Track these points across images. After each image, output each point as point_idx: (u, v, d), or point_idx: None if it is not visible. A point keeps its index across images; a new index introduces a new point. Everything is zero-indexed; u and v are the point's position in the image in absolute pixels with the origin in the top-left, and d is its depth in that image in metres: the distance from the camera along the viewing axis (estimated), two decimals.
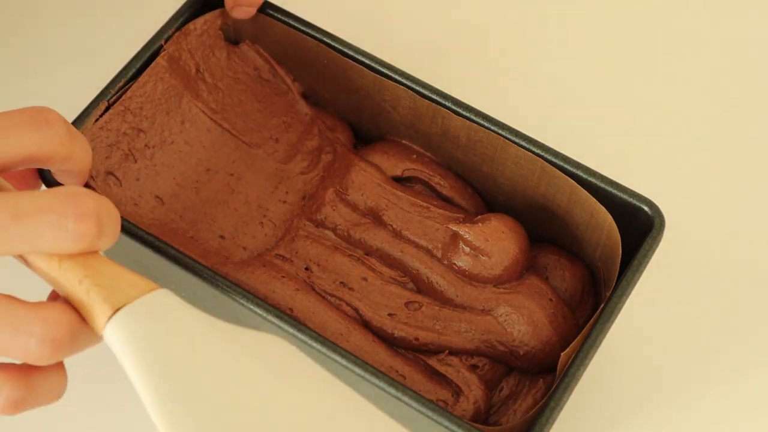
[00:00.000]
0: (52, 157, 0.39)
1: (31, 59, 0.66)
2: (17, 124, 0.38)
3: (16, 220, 0.35)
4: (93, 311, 0.36)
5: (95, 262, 0.37)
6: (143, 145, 0.51)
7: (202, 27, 0.53)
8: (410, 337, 0.49)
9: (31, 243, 0.36)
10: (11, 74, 0.66)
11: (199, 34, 0.53)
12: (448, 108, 0.50)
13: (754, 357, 0.57)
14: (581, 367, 0.44)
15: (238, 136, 0.53)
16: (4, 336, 0.36)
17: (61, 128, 0.39)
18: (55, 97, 0.64)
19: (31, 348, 0.36)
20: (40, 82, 0.65)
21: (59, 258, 0.37)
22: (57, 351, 0.36)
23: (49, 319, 0.36)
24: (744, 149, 0.63)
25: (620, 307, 0.46)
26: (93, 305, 0.36)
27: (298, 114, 0.55)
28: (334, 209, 0.52)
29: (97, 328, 0.37)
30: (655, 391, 0.56)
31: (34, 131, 0.38)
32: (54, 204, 0.36)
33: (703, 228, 0.60)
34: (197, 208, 0.52)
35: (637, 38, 0.68)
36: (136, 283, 0.37)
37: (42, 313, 0.36)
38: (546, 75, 0.66)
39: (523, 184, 0.51)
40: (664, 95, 0.65)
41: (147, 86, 0.51)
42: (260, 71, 0.55)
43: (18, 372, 0.37)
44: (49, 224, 0.36)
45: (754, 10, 0.68)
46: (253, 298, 0.45)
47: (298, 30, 0.53)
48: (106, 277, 0.37)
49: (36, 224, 0.36)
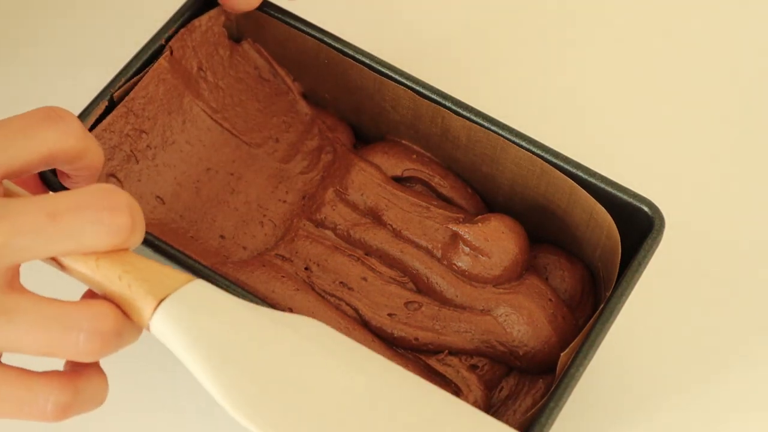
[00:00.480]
0: (69, 153, 0.39)
1: (31, 59, 0.66)
2: (32, 124, 0.38)
3: (53, 220, 0.36)
4: (137, 305, 0.37)
5: (130, 258, 0.38)
6: (145, 146, 0.51)
7: (207, 24, 0.53)
8: (410, 337, 0.49)
9: (71, 242, 0.36)
10: (11, 74, 0.66)
11: (204, 30, 0.53)
12: (448, 108, 0.50)
13: (755, 356, 0.57)
14: (581, 367, 0.44)
15: (238, 135, 0.53)
16: (53, 334, 0.36)
17: (75, 123, 0.39)
18: (56, 98, 0.64)
19: (81, 343, 0.36)
20: (41, 82, 0.65)
21: (96, 257, 0.37)
22: (106, 345, 0.37)
23: (96, 314, 0.36)
24: (744, 149, 0.63)
25: (620, 308, 0.46)
26: (136, 299, 0.37)
27: (299, 114, 0.55)
28: (333, 209, 0.52)
29: (143, 321, 0.37)
30: (655, 391, 0.55)
31: (50, 129, 0.38)
32: (89, 200, 0.36)
33: (703, 228, 0.60)
34: (197, 208, 0.52)
35: (636, 38, 0.68)
36: (173, 276, 0.38)
37: (89, 308, 0.36)
38: (546, 76, 0.66)
39: (523, 185, 0.51)
40: (664, 95, 0.65)
41: (149, 87, 0.51)
42: (261, 71, 0.55)
43: (64, 377, 0.38)
44: (87, 220, 0.36)
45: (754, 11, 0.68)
46: (253, 298, 0.45)
47: (299, 30, 0.53)
48: (144, 272, 0.37)
49: (74, 222, 0.36)
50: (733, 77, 0.66)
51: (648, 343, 0.57)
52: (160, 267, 0.38)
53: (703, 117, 0.64)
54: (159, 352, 0.42)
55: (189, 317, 0.37)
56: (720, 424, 0.55)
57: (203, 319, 0.37)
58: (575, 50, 0.67)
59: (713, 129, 0.64)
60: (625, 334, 0.54)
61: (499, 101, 0.59)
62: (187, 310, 0.37)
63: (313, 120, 0.55)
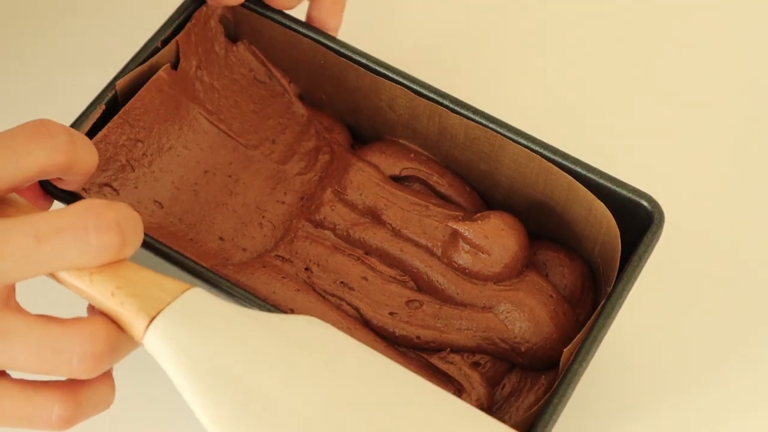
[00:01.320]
0: (59, 167, 0.39)
1: (31, 59, 0.66)
2: (22, 142, 0.38)
3: (39, 242, 0.36)
4: (130, 322, 0.37)
5: (125, 272, 0.38)
6: (141, 154, 0.51)
7: (206, 13, 0.53)
8: (411, 336, 0.49)
9: (57, 263, 0.36)
10: (11, 75, 0.65)
11: (203, 21, 0.53)
12: (446, 106, 0.50)
13: (756, 352, 0.57)
14: (583, 363, 0.44)
15: (234, 137, 0.53)
16: (46, 357, 0.36)
17: (64, 136, 0.39)
18: (56, 98, 0.64)
19: (75, 365, 0.36)
20: (41, 82, 0.65)
21: (89, 272, 0.37)
22: (99, 364, 0.37)
23: (86, 336, 0.36)
24: (744, 145, 0.63)
25: (621, 303, 0.46)
26: (129, 316, 0.37)
27: (295, 115, 0.55)
28: (332, 209, 0.52)
29: (137, 338, 0.37)
30: (657, 387, 0.55)
31: (40, 146, 0.39)
32: (74, 221, 0.36)
33: (703, 223, 0.60)
34: (196, 211, 0.51)
35: (634, 34, 0.68)
36: (168, 287, 0.38)
37: (79, 330, 0.37)
38: (544, 72, 0.66)
39: (522, 182, 0.51)
40: (663, 91, 0.65)
41: (146, 98, 0.51)
42: (256, 73, 0.55)
43: (66, 388, 0.38)
44: (72, 242, 0.36)
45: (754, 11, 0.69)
46: (255, 299, 0.45)
47: (294, 31, 0.53)
48: (137, 286, 0.37)
49: (59, 244, 0.36)
50: (733, 77, 0.66)
51: (649, 338, 0.57)
52: (155, 278, 0.38)
53: (703, 116, 0.64)
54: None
55: (178, 333, 0.37)
56: (722, 418, 0.55)
57: (193, 334, 0.37)
58: (573, 47, 0.67)
59: (713, 124, 0.64)
60: (625, 329, 0.54)
61: (496, 99, 0.59)
62: (177, 326, 0.37)
63: (309, 121, 0.55)
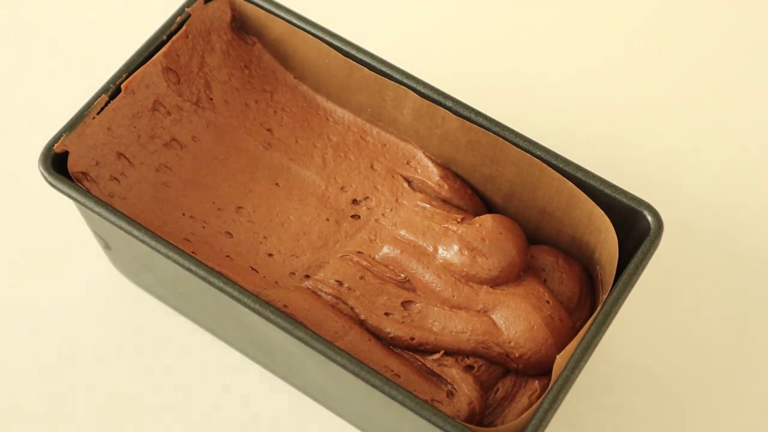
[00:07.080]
0: None
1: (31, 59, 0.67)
2: None
3: None
4: None
5: None
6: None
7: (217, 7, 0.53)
8: (406, 337, 0.49)
9: None
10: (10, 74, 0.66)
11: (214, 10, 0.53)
12: (449, 108, 0.50)
13: (751, 360, 0.57)
14: (576, 369, 0.44)
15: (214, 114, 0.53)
16: None
17: None
18: (56, 98, 0.64)
19: None
20: (40, 80, 0.66)
21: None
22: None
23: None
24: (743, 152, 0.63)
25: (616, 311, 0.46)
26: None
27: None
28: None
29: None
30: (650, 394, 0.55)
31: None
32: None
33: (701, 232, 0.60)
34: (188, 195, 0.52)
35: (637, 41, 0.68)
36: None
37: None
38: (547, 77, 0.66)
39: (522, 186, 0.50)
40: (663, 98, 0.65)
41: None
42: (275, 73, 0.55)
43: None
44: None
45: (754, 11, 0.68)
46: (248, 294, 0.45)
47: (302, 29, 0.53)
48: None
49: None
50: (733, 77, 0.66)
51: (644, 345, 0.57)
52: None
53: (703, 120, 0.64)
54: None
55: None
56: (717, 427, 0.55)
57: None
58: (576, 53, 0.67)
59: (713, 132, 0.64)
60: (621, 336, 0.54)
61: (499, 103, 0.59)
62: None
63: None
